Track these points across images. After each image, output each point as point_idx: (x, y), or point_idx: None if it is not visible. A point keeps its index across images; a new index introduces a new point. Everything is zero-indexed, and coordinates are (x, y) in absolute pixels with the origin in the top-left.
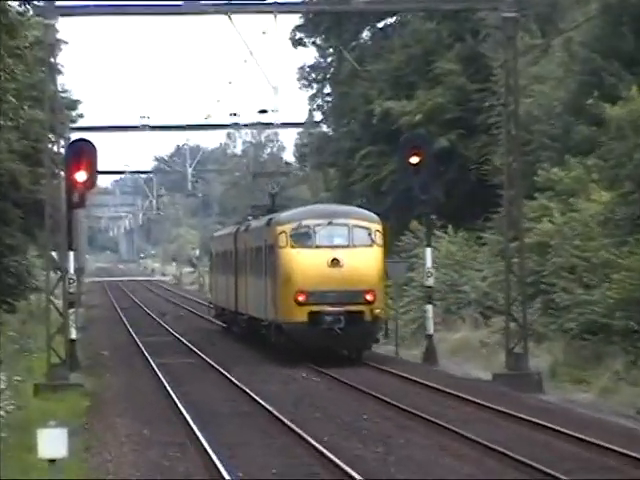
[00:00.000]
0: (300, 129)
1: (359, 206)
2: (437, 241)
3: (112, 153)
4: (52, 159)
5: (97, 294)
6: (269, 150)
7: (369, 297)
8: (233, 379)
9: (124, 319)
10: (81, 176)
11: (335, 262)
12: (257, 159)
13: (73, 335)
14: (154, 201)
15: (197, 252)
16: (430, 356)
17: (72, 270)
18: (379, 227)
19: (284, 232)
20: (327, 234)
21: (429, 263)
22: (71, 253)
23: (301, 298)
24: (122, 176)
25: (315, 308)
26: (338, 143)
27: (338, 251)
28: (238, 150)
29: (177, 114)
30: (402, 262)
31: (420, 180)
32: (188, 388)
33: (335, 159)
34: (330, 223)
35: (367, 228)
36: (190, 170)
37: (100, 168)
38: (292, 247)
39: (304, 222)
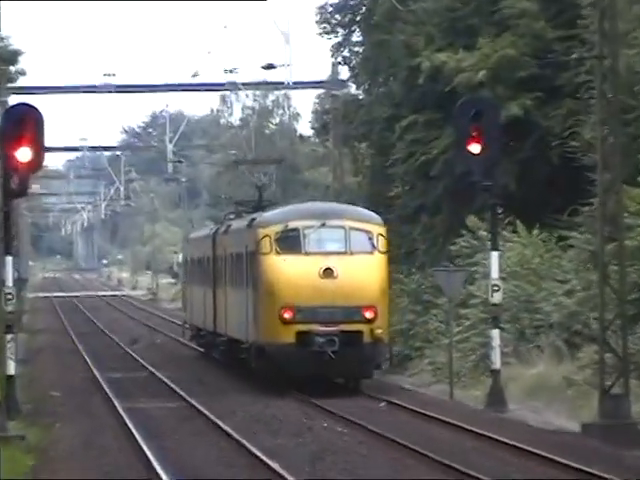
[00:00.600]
0: (320, 90)
1: (392, 199)
2: (506, 243)
3: (66, 123)
4: None
5: (45, 314)
6: (278, 119)
7: (369, 314)
8: (228, 429)
9: (81, 348)
10: (23, 154)
11: (328, 272)
12: (261, 131)
13: (11, 370)
14: (121, 188)
15: (179, 257)
16: (496, 399)
17: (10, 282)
18: (382, 230)
19: (268, 236)
20: (319, 238)
21: (495, 273)
22: (8, 259)
23: (287, 315)
24: (79, 154)
25: (304, 327)
26: (371, 110)
27: (332, 259)
28: (235, 119)
29: (153, 72)
30: (458, 272)
31: (483, 161)
32: (169, 444)
33: (367, 131)
34: (323, 225)
35: (368, 231)
36: (170, 146)
37: (49, 143)
38: (277, 254)
39: (292, 224)
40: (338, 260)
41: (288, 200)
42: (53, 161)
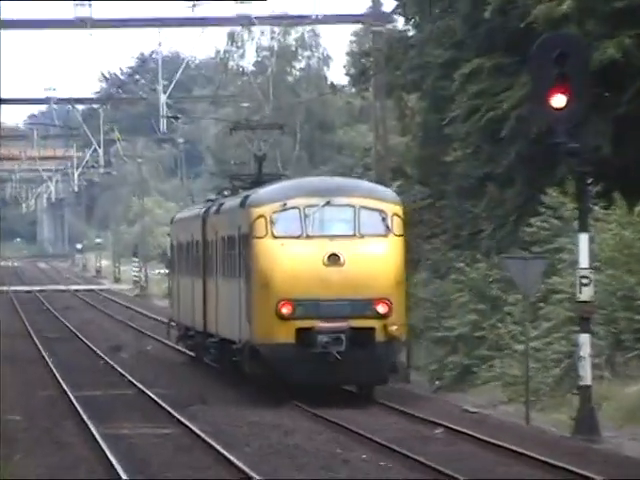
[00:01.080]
0: (357, 26)
1: (449, 166)
2: (597, 223)
3: (29, 69)
4: None
5: None
6: (303, 63)
7: (382, 308)
8: (239, 464)
9: (48, 358)
10: None
11: (334, 259)
12: (282, 79)
13: None
14: (100, 152)
15: None
16: (586, 424)
17: None
18: (398, 209)
19: (262, 216)
20: (324, 219)
21: (585, 261)
22: None
23: (285, 310)
24: (44, 109)
25: (305, 324)
26: (423, 51)
27: (339, 243)
28: (248, 63)
29: (141, 2)
30: (536, 260)
31: (568, 117)
32: None
33: (418, 79)
34: (328, 203)
35: (381, 210)
36: (164, 98)
37: (5, 94)
38: (274, 237)
39: (291, 202)
40: (345, 244)
41: (312, 169)
42: (11, 117)
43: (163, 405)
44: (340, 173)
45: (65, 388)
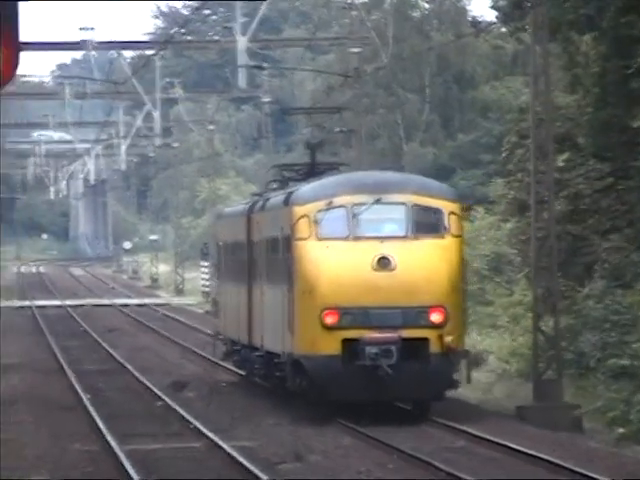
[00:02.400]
0: None
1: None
2: None
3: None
4: None
5: (20, 339)
6: None
7: (437, 317)
8: None
9: (86, 399)
10: None
11: (384, 262)
12: (404, 15)
13: None
14: (156, 115)
15: None
16: None
17: None
18: (455, 207)
19: (305, 216)
20: (373, 219)
21: None
22: None
23: (330, 319)
24: (80, 56)
25: (352, 334)
26: None
27: (389, 245)
28: None
29: None
30: None
31: None
32: None
33: (595, 13)
34: (378, 201)
35: (436, 209)
36: (244, 40)
37: (28, 37)
38: (318, 239)
39: (337, 200)
40: (397, 247)
41: (447, 137)
42: (35, 68)
43: (244, 464)
44: (485, 143)
45: (109, 440)
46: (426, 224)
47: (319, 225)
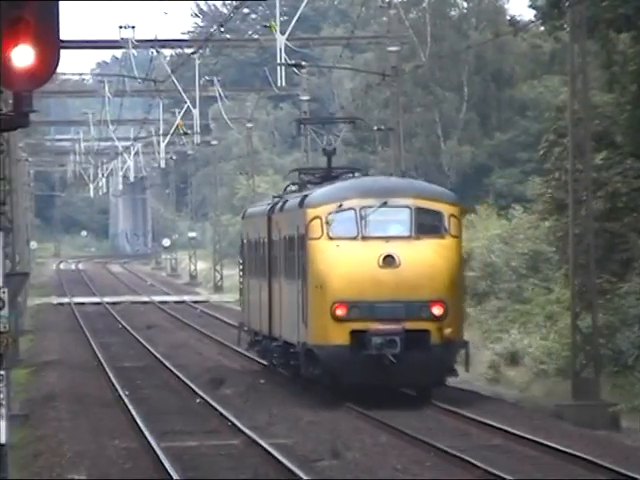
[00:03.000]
0: None
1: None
2: None
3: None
4: None
5: (59, 335)
6: None
7: (437, 311)
8: None
9: (125, 397)
10: (23, 55)
11: (389, 260)
12: (442, 14)
13: (1, 436)
14: (195, 113)
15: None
16: None
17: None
18: (455, 210)
19: (318, 217)
20: (379, 220)
21: None
22: None
23: (340, 312)
24: (119, 54)
25: (360, 326)
26: None
27: (394, 244)
28: None
29: None
30: None
31: None
32: None
33: (633, 11)
34: (385, 204)
35: (437, 212)
36: (282, 39)
37: (68, 35)
38: (329, 239)
39: (347, 203)
40: (401, 246)
41: (484, 136)
42: (75, 66)
43: (282, 461)
44: (522, 141)
45: (148, 437)
46: (428, 225)
47: (330, 226)
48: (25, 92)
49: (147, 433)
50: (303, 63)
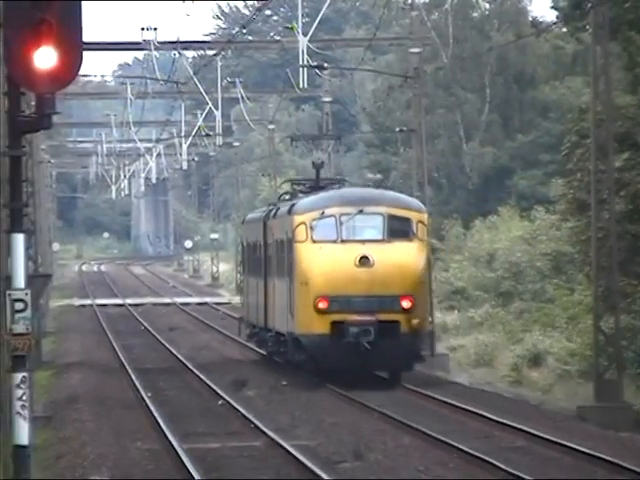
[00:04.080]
0: None
1: None
2: None
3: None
4: None
5: (81, 337)
6: None
7: (406, 304)
8: None
9: (147, 398)
10: (45, 57)
11: (364, 260)
12: (464, 15)
13: (23, 437)
14: (217, 115)
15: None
16: None
17: (21, 280)
18: (422, 217)
19: (303, 223)
20: (356, 226)
21: None
22: (17, 239)
23: (322, 305)
24: (141, 56)
25: (338, 317)
26: None
27: (369, 247)
28: None
29: None
30: None
31: None
32: None
33: None
34: (361, 212)
35: (407, 218)
36: (304, 41)
37: (90, 37)
38: (313, 242)
39: (328, 210)
40: (375, 248)
41: (506, 138)
42: (97, 68)
43: (305, 462)
44: (544, 143)
45: (170, 438)
46: (398, 230)
47: (314, 230)
48: (47, 94)
49: (169, 435)
50: (325, 65)
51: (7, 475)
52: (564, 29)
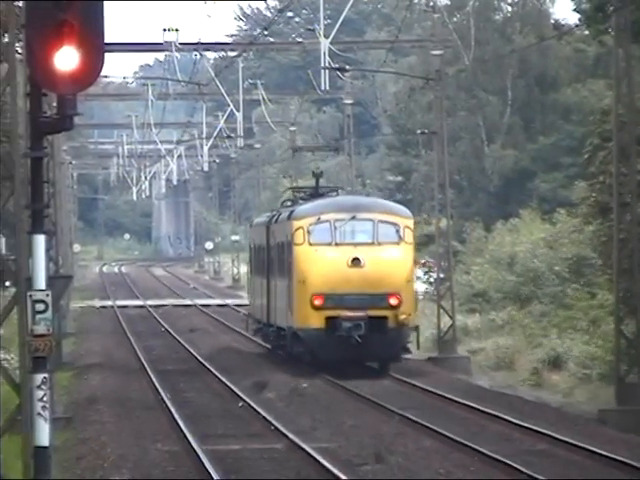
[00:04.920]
0: None
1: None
2: None
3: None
4: None
5: (102, 338)
6: None
7: (393, 301)
8: None
9: (167, 400)
10: (64, 57)
11: (356, 261)
12: (486, 17)
13: (43, 438)
14: (238, 116)
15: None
16: None
17: (41, 282)
18: (409, 222)
19: (301, 228)
20: (349, 230)
21: None
22: (39, 240)
23: (317, 302)
24: (163, 57)
25: (332, 313)
26: None
27: (360, 249)
28: None
29: None
30: None
31: None
32: None
33: None
34: (353, 218)
35: (395, 224)
36: (326, 43)
37: (111, 38)
38: (310, 244)
39: (323, 216)
40: (366, 250)
41: (527, 140)
42: (118, 69)
43: (325, 465)
44: (566, 145)
45: (190, 440)
46: (387, 234)
47: (311, 234)
48: (69, 95)
49: (189, 436)
50: (347, 67)
51: (28, 476)
52: (586, 32)
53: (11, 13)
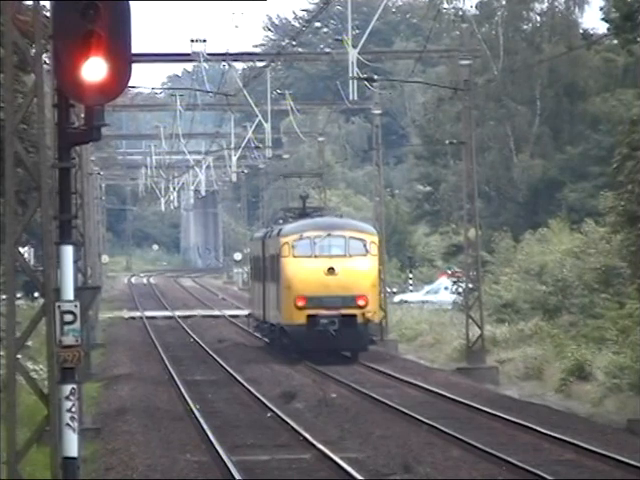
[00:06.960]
0: None
1: None
2: None
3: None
4: (19, 28)
5: (130, 350)
6: (544, 4)
7: (361, 302)
8: None
9: (196, 410)
10: (92, 68)
11: (331, 270)
12: (516, 27)
13: (72, 448)
14: (267, 127)
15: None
16: None
17: (69, 292)
18: (374, 239)
19: (287, 243)
20: (326, 245)
21: None
22: (67, 251)
23: (300, 303)
24: (191, 68)
25: (313, 312)
26: None
27: (335, 260)
28: (469, 5)
29: None
30: None
31: None
32: None
33: None
34: (329, 235)
35: (362, 239)
36: (354, 53)
37: (139, 49)
38: (294, 257)
39: (305, 234)
40: (339, 261)
41: (556, 150)
42: (146, 80)
43: (354, 475)
44: (594, 155)
45: (219, 450)
46: (356, 248)
47: (295, 248)
48: (97, 106)
49: (218, 447)
50: (375, 77)
51: None
52: (615, 41)
53: (39, 24)
